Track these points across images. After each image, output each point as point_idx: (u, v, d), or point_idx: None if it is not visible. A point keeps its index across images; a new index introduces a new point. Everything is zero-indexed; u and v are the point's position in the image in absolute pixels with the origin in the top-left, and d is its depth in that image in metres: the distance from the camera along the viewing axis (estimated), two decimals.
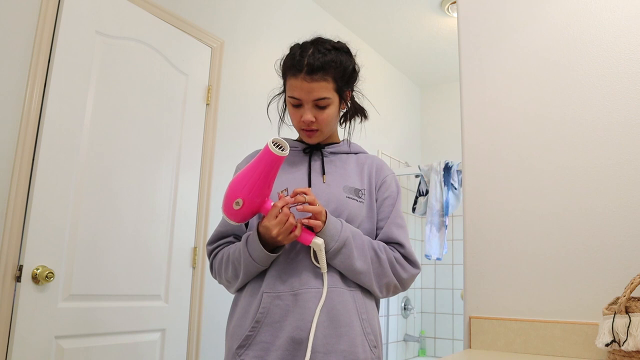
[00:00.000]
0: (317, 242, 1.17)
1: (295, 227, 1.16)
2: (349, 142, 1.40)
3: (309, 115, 1.25)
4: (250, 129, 2.72)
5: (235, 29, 2.71)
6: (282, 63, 1.31)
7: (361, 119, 1.43)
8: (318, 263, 1.19)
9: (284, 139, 1.34)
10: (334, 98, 1.27)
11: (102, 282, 1.98)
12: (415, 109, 4.64)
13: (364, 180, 1.33)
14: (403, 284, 1.28)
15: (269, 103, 1.42)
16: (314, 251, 1.20)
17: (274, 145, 1.11)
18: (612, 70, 1.41)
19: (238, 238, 1.32)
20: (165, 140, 2.28)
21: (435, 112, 4.63)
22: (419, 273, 1.30)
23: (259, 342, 1.18)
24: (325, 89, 1.24)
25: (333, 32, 3.56)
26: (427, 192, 3.77)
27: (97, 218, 1.98)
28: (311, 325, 1.16)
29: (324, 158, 1.35)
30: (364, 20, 3.58)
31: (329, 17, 3.50)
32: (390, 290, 1.28)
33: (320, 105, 1.25)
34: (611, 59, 1.41)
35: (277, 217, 1.14)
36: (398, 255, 1.28)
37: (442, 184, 3.67)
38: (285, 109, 1.39)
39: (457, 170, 3.67)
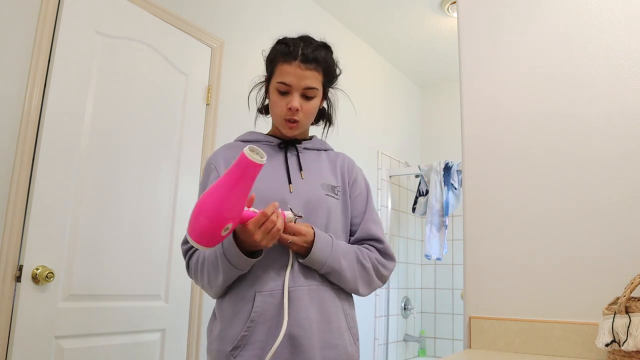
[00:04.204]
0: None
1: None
2: (318, 139, 1.43)
3: (296, 102, 1.26)
4: (249, 129, 2.72)
5: (235, 29, 2.71)
6: (271, 51, 1.33)
7: (326, 124, 1.46)
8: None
9: (254, 132, 1.38)
10: (320, 91, 1.32)
11: (102, 282, 1.97)
12: (415, 109, 4.63)
13: (338, 177, 1.37)
14: (384, 281, 1.36)
15: (251, 90, 1.44)
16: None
17: (252, 152, 1.00)
18: (611, 70, 1.41)
19: None
20: (165, 140, 2.28)
21: (435, 112, 4.63)
22: (395, 265, 1.38)
23: (255, 342, 1.17)
24: (316, 80, 1.28)
25: (333, 32, 3.56)
26: (427, 192, 3.77)
27: (97, 218, 1.98)
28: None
29: (299, 154, 1.36)
30: (364, 20, 3.58)
31: (329, 17, 3.50)
32: (373, 290, 1.35)
33: (308, 95, 1.28)
34: (611, 58, 1.41)
35: (261, 226, 1.10)
36: (377, 255, 1.34)
37: (442, 184, 3.67)
38: (265, 98, 1.41)
39: (457, 170, 3.66)
